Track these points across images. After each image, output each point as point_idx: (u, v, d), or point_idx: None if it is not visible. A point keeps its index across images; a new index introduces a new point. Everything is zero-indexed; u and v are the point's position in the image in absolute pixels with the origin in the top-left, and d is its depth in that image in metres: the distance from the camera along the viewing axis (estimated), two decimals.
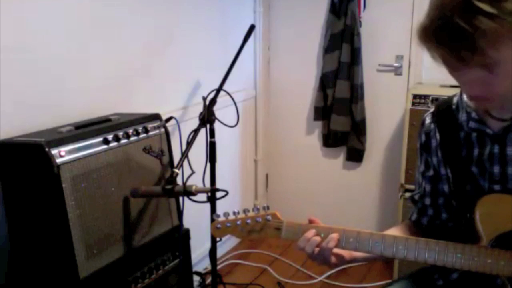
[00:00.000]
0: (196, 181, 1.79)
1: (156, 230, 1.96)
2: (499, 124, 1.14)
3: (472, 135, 1.19)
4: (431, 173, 1.30)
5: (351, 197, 3.30)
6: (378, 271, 2.96)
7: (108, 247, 1.73)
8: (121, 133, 1.80)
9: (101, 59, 2.08)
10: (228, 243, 3.20)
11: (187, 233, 2.08)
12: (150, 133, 1.93)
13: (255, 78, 3.32)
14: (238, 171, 3.30)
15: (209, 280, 2.58)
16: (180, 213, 2.06)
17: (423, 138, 1.30)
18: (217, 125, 2.17)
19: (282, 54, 3.36)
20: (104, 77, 2.10)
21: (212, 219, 1.28)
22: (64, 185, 1.56)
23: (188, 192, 1.68)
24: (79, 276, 1.61)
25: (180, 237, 2.01)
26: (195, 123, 2.12)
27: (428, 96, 2.56)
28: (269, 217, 1.22)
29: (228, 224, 1.25)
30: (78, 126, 1.76)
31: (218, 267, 2.80)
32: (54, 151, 1.54)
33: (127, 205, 1.81)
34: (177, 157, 2.00)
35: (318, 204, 3.38)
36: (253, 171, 3.47)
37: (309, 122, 3.33)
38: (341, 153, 3.30)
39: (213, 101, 2.18)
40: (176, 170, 1.75)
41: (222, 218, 1.25)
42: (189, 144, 1.94)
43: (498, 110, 1.13)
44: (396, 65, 3.02)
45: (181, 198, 2.04)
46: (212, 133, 2.15)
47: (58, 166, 1.54)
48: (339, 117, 3.06)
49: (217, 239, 2.14)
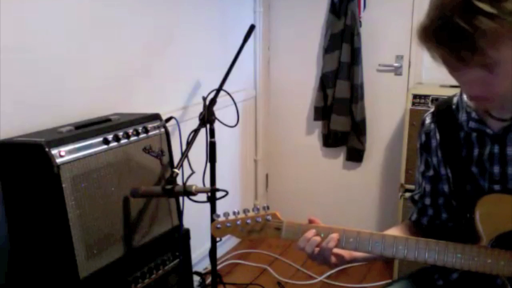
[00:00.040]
0: (196, 181, 1.79)
1: (156, 230, 1.96)
2: (499, 124, 1.14)
3: (472, 135, 1.19)
4: (431, 173, 1.30)
5: (351, 197, 3.30)
6: (378, 271, 2.96)
7: (108, 247, 1.73)
8: (121, 133, 1.80)
9: (101, 59, 2.08)
10: (228, 243, 3.20)
11: (187, 233, 2.09)
12: (150, 133, 1.93)
13: (255, 78, 3.32)
14: (238, 171, 3.30)
15: (209, 280, 2.58)
16: (180, 213, 2.06)
17: (423, 138, 1.30)
18: (217, 125, 2.18)
19: (282, 54, 3.36)
20: (104, 77, 2.10)
21: (212, 219, 1.28)
22: (64, 185, 1.56)
23: (188, 192, 1.68)
24: (79, 276, 1.61)
25: (180, 237, 2.01)
26: (195, 123, 2.12)
27: (428, 96, 2.56)
28: (269, 217, 1.22)
29: (228, 224, 1.25)
30: (78, 126, 1.76)
31: (218, 267, 2.80)
32: (54, 151, 1.54)
33: (127, 205, 1.81)
34: (177, 157, 2.00)
35: (318, 204, 3.38)
36: (253, 171, 3.47)
37: (309, 122, 3.33)
38: (341, 153, 3.30)
39: (213, 101, 2.18)
40: (176, 170, 1.75)
41: (222, 218, 1.25)
42: (189, 144, 1.94)
43: (498, 110, 1.13)
44: (396, 65, 3.02)
45: (181, 198, 2.04)
46: (212, 133, 2.15)
47: (58, 166, 1.54)
48: (339, 117, 3.06)
49: (217, 239, 2.14)
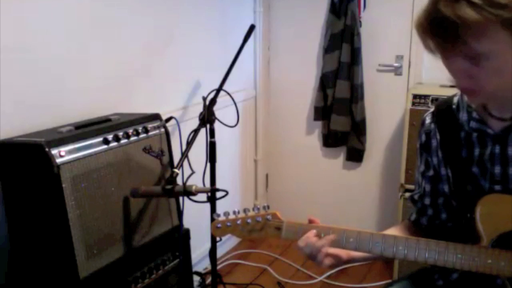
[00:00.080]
0: (196, 181, 1.79)
1: (156, 230, 1.96)
2: (499, 124, 1.14)
3: (473, 135, 1.19)
4: (431, 173, 1.30)
5: (351, 197, 3.30)
6: (378, 271, 2.96)
7: (108, 247, 1.73)
8: (121, 133, 1.80)
9: (101, 59, 2.08)
10: (228, 243, 3.20)
11: (187, 233, 2.08)
12: (150, 133, 1.93)
13: (255, 78, 3.32)
14: (238, 171, 3.30)
15: (209, 280, 2.58)
16: (180, 213, 2.06)
17: (423, 138, 1.30)
18: (217, 125, 2.17)
19: (282, 54, 3.35)
20: (104, 77, 2.10)
21: (212, 218, 1.28)
22: (64, 185, 1.56)
23: (188, 192, 1.68)
24: (79, 276, 1.61)
25: (180, 237, 2.01)
26: (195, 123, 2.12)
27: (428, 96, 2.56)
28: (270, 217, 1.22)
29: (229, 224, 1.25)
30: (78, 126, 1.76)
31: (218, 267, 2.80)
32: (54, 151, 1.54)
33: (127, 205, 1.81)
34: (177, 157, 2.00)
35: (318, 204, 3.38)
36: (253, 171, 3.47)
37: (309, 122, 3.33)
38: (341, 153, 3.29)
39: (213, 101, 2.18)
40: (176, 170, 1.75)
41: (222, 218, 1.25)
42: (189, 144, 1.94)
43: (498, 109, 1.13)
44: (396, 65, 3.02)
45: (181, 198, 2.04)
46: (212, 133, 2.15)
47: (58, 166, 1.54)
48: (339, 117, 3.05)
49: (217, 239, 2.13)
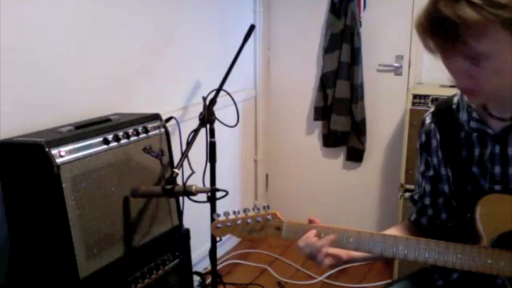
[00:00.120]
0: (196, 181, 1.79)
1: (156, 230, 1.96)
2: (500, 124, 1.14)
3: (473, 135, 1.19)
4: (431, 173, 1.30)
5: (351, 197, 3.30)
6: (378, 271, 2.96)
7: (108, 247, 1.73)
8: (121, 133, 1.80)
9: (101, 59, 2.08)
10: (228, 243, 3.20)
11: (187, 233, 2.08)
12: (150, 133, 1.93)
13: (255, 78, 3.32)
14: (238, 171, 3.30)
15: (209, 280, 2.58)
16: (180, 213, 2.06)
17: (423, 138, 1.30)
18: (217, 125, 2.17)
19: (282, 54, 3.35)
20: (104, 77, 2.10)
21: (212, 218, 1.28)
22: (64, 185, 1.56)
23: (188, 192, 1.68)
24: (79, 276, 1.61)
25: (180, 237, 2.01)
26: (195, 123, 2.12)
27: (428, 96, 2.56)
28: (270, 217, 1.22)
29: (229, 224, 1.25)
30: (78, 126, 1.76)
31: (218, 267, 2.80)
32: (54, 151, 1.54)
33: (127, 205, 1.81)
34: (177, 157, 2.00)
35: (318, 204, 3.38)
36: (253, 171, 3.47)
37: (309, 122, 3.33)
38: (341, 153, 3.29)
39: (213, 101, 2.18)
40: (176, 170, 1.75)
41: (222, 218, 1.25)
42: (189, 144, 1.94)
43: (498, 109, 1.13)
44: (396, 65, 3.02)
45: (181, 198, 2.04)
46: (212, 133, 2.15)
47: (58, 166, 1.54)
48: (339, 117, 3.05)
49: (217, 239, 2.13)
